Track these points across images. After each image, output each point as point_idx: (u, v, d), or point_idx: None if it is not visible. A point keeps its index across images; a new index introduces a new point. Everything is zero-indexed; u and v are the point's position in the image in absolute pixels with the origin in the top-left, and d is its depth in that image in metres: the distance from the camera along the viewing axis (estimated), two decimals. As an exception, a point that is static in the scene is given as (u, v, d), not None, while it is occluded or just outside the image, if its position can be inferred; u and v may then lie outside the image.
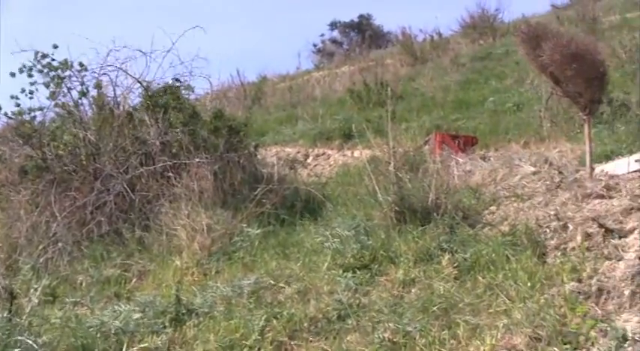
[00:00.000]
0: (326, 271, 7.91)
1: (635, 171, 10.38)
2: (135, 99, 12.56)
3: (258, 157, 13.11)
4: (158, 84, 12.43)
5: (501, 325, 6.01)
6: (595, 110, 10.70)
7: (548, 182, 9.67)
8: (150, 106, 11.96)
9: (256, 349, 6.50)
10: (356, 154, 15.86)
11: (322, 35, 46.92)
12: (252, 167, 12.20)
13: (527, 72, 17.37)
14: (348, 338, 6.43)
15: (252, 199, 10.43)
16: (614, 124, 14.02)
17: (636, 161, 10.34)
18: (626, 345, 5.46)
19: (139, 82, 12.42)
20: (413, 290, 7.18)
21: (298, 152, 18.28)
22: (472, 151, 13.71)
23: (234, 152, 11.86)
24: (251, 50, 60.06)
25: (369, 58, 29.17)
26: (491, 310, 6.38)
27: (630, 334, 5.56)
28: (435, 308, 6.55)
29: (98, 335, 6.99)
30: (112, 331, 7.05)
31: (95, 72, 12.45)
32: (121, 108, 12.25)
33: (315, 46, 45.29)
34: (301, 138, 18.99)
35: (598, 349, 5.50)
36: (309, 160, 17.71)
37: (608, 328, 5.70)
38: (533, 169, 10.49)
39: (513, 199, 9.27)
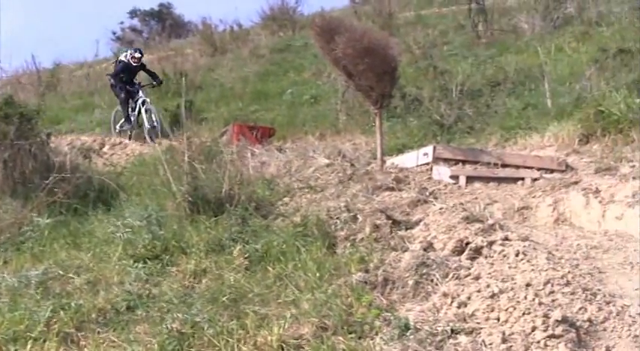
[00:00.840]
0: (117, 262, 7.75)
1: (424, 164, 10.74)
2: None
3: (51, 145, 12.72)
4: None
5: (289, 315, 6.06)
6: (386, 104, 10.99)
7: (340, 174, 9.83)
8: None
9: (41, 340, 6.29)
10: (154, 143, 15.68)
11: (122, 23, 46.10)
12: (44, 156, 11.80)
13: (325, 65, 17.64)
14: (137, 329, 6.32)
15: (44, 188, 10.10)
16: (406, 118, 14.43)
17: (424, 155, 10.69)
18: (408, 333, 5.61)
19: None
20: (203, 281, 7.14)
21: (94, 141, 17.90)
22: (269, 143, 13.81)
23: (26, 140, 11.45)
24: (48, 37, 58.42)
25: (169, 48, 28.87)
26: (280, 301, 6.43)
27: (412, 323, 5.72)
28: (224, 299, 6.53)
29: None
30: None
31: None
32: None
33: (114, 33, 44.40)
34: (98, 126, 18.63)
35: (381, 337, 5.63)
36: (105, 149, 17.37)
37: (392, 318, 5.86)
38: (327, 161, 10.64)
39: (306, 190, 9.37)
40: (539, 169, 10.82)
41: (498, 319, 5.85)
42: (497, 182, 10.77)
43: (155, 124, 16.52)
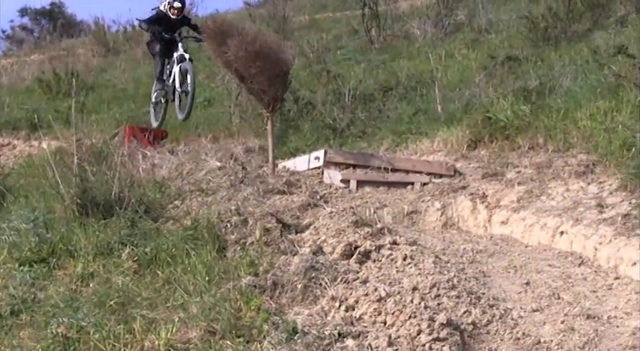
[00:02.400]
0: (1, 265, 7.62)
1: (315, 168, 10.80)
2: None
3: None
4: None
5: (177, 319, 6.05)
6: (278, 107, 11.03)
7: (232, 177, 9.86)
8: None
9: None
10: (43, 145, 15.40)
11: (11, 21, 45.10)
12: None
13: (218, 67, 17.50)
14: (21, 334, 6.24)
15: None
16: (299, 122, 14.46)
17: (316, 159, 10.75)
18: (295, 337, 5.65)
19: None
20: (91, 284, 7.08)
21: (-19, 142, 17.58)
22: (161, 145, 13.71)
23: None
24: None
25: (61, 47, 28.40)
26: (168, 305, 6.42)
27: (300, 327, 5.77)
28: (112, 303, 6.49)
29: None
30: None
31: None
32: None
33: (3, 32, 43.43)
34: (-13, 127, 18.26)
35: (269, 341, 5.66)
36: (-8, 150, 17.08)
37: (280, 321, 5.89)
38: (219, 164, 10.64)
39: (198, 193, 9.36)
40: (428, 174, 10.93)
41: (385, 323, 5.94)
42: (387, 186, 10.85)
43: (188, 89, 13.93)
